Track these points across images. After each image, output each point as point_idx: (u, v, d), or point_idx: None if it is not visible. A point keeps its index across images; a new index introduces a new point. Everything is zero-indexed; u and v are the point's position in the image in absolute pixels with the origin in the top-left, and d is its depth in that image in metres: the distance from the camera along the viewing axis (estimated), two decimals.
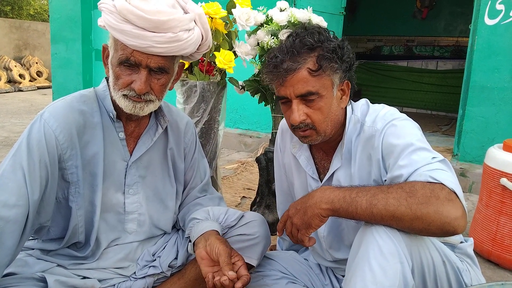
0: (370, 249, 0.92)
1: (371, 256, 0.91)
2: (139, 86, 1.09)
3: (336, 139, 1.21)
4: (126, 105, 1.12)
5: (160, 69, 1.11)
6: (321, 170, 1.27)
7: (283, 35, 1.83)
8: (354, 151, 1.17)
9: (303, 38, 1.09)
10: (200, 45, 1.21)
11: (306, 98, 1.09)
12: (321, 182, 1.24)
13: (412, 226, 0.91)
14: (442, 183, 0.93)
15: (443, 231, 0.91)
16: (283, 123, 1.40)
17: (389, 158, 1.06)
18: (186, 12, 1.14)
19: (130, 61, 1.08)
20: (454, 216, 0.90)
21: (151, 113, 1.27)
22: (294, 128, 1.14)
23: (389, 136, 1.08)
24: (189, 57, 1.26)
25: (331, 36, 1.13)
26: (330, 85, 1.11)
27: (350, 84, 1.17)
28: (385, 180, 1.07)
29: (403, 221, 0.91)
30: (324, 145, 1.24)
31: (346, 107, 1.20)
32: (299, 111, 1.10)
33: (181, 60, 1.25)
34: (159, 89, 1.14)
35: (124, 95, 1.11)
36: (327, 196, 0.99)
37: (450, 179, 0.94)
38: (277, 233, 1.15)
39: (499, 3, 3.21)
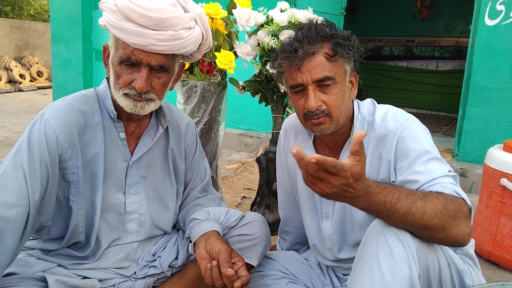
0: (380, 249, 0.92)
1: (381, 257, 0.91)
2: (140, 85, 1.09)
3: (343, 135, 1.21)
4: (127, 104, 1.12)
5: (161, 67, 1.11)
6: None
7: (283, 35, 1.83)
8: (364, 150, 1.16)
9: (317, 27, 1.12)
10: (200, 44, 1.21)
11: (322, 83, 1.10)
12: None
13: (433, 235, 0.93)
14: (464, 199, 0.96)
15: (454, 242, 0.95)
16: (286, 122, 1.40)
17: (402, 161, 1.07)
18: (186, 11, 1.14)
19: (131, 60, 1.08)
20: (467, 232, 0.95)
21: (151, 113, 1.27)
22: (307, 116, 1.13)
23: (404, 139, 1.08)
24: (190, 57, 1.26)
25: (340, 30, 1.16)
26: (343, 73, 1.13)
27: (357, 77, 1.20)
28: (393, 181, 1.08)
29: (430, 230, 0.92)
30: (331, 142, 1.24)
31: (353, 104, 1.21)
32: (316, 97, 1.10)
33: (181, 60, 1.25)
34: (160, 88, 1.14)
35: (125, 94, 1.11)
36: (370, 199, 0.89)
37: (466, 196, 0.98)
38: (293, 150, 0.85)
39: (500, 4, 3.21)
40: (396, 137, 1.09)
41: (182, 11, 1.12)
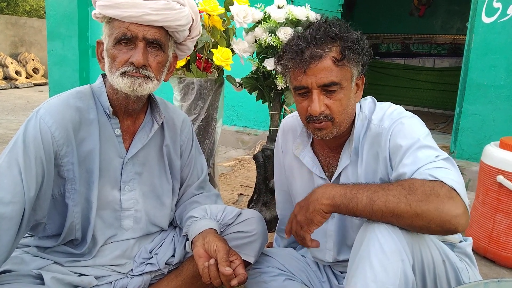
0: (371, 246, 0.92)
1: (372, 253, 0.91)
2: (137, 58, 1.09)
3: (345, 135, 1.20)
4: (124, 84, 1.10)
5: (156, 42, 1.12)
6: (326, 168, 1.26)
7: (281, 32, 1.82)
8: (361, 149, 1.17)
9: (326, 27, 1.07)
10: (190, 30, 1.23)
11: (327, 88, 1.07)
12: (330, 181, 1.23)
13: (413, 224, 0.92)
14: (441, 181, 0.93)
15: (444, 229, 0.91)
16: (284, 123, 1.39)
17: (395, 157, 1.07)
18: None
19: (127, 36, 1.09)
20: (455, 214, 0.90)
21: (146, 109, 1.26)
22: (310, 119, 1.11)
23: (396, 134, 1.08)
24: (182, 48, 1.26)
25: (351, 29, 1.12)
26: (350, 77, 1.10)
27: (364, 79, 1.17)
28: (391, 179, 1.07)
29: (403, 218, 0.92)
30: (331, 142, 1.22)
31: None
32: (320, 102, 1.07)
33: (174, 52, 1.25)
34: (157, 67, 1.14)
35: (122, 73, 1.10)
36: (328, 192, 1.00)
37: (450, 177, 0.94)
38: (285, 235, 1.14)
39: (496, 1, 3.21)
40: (389, 134, 1.09)
41: None
